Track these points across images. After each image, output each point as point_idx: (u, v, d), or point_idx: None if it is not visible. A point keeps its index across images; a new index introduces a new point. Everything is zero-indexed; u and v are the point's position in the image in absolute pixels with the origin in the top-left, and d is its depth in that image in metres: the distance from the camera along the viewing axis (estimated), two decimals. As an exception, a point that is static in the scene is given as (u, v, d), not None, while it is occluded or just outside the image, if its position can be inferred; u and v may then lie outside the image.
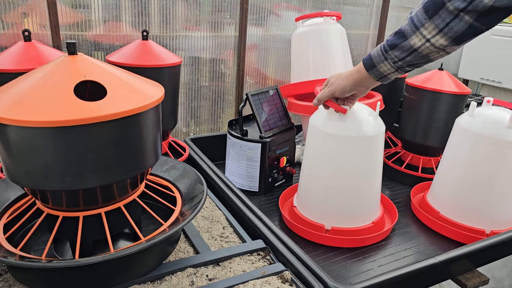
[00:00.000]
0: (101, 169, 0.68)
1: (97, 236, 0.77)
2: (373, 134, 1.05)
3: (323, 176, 1.10)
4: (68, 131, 0.62)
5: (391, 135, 1.74)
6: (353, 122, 1.04)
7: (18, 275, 0.76)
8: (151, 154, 0.76)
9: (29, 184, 0.68)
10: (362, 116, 1.06)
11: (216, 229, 1.01)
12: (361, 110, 1.07)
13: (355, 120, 1.04)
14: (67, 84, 0.65)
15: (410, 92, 1.47)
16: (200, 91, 1.70)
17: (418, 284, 0.99)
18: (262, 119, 1.30)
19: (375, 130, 1.05)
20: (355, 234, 1.09)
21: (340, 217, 1.11)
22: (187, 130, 1.73)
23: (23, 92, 0.64)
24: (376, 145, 1.07)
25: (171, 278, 0.82)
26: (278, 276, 0.84)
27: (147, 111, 0.71)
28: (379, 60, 0.87)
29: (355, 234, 1.09)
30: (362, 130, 1.04)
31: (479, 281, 1.03)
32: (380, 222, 1.16)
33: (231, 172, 1.35)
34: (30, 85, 0.66)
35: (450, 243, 1.14)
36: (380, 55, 0.87)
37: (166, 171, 1.00)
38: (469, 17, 0.73)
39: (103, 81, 0.68)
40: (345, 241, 1.09)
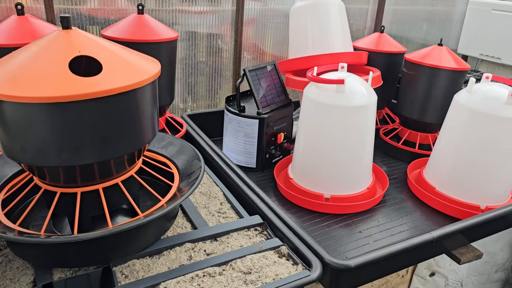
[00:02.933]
0: (98, 145, 0.68)
1: (95, 212, 0.77)
2: (365, 103, 1.09)
3: (318, 146, 1.14)
4: (63, 107, 0.61)
5: (389, 111, 1.74)
6: (346, 93, 1.08)
7: (18, 250, 0.77)
8: (148, 130, 0.76)
9: (25, 160, 0.68)
10: (355, 86, 1.10)
11: (214, 204, 1.01)
12: (354, 81, 1.11)
13: (348, 90, 1.08)
14: (62, 60, 0.64)
15: (409, 68, 1.46)
16: (197, 67, 1.68)
17: (413, 258, 1.01)
18: (260, 95, 1.29)
19: (368, 100, 1.10)
20: (351, 201, 1.14)
21: (335, 185, 1.15)
22: (184, 106, 1.72)
23: (17, 68, 0.63)
24: (369, 114, 1.12)
25: (169, 253, 0.83)
26: (275, 251, 0.85)
27: (143, 87, 0.70)
28: None
29: (351, 201, 1.14)
30: (355, 100, 1.08)
31: (473, 256, 1.04)
32: (374, 189, 1.22)
33: (228, 148, 1.35)
34: (24, 60, 0.65)
35: (445, 218, 1.15)
36: None
37: (163, 147, 1.00)
38: None
39: (99, 56, 0.68)
40: (342, 207, 1.13)
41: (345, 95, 1.08)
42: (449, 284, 1.43)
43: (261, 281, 0.76)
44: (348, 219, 1.11)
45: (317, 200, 1.14)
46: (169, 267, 0.79)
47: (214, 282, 0.76)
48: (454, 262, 1.07)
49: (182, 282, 0.75)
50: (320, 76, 1.13)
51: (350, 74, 1.13)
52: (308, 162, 1.18)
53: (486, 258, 1.49)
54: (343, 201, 1.14)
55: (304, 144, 1.18)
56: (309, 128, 1.16)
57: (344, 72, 1.15)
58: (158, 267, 0.79)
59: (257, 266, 0.80)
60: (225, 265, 0.80)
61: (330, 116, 1.10)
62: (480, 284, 1.57)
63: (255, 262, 0.81)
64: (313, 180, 1.16)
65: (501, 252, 1.56)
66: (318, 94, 1.11)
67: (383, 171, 1.28)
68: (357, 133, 1.11)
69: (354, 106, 1.08)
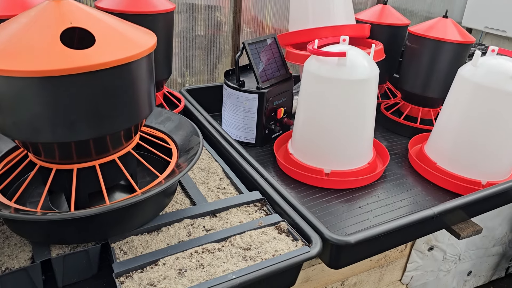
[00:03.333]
0: (93, 121, 0.66)
1: (92, 189, 0.76)
2: (367, 77, 1.07)
3: (318, 121, 1.12)
4: (55, 81, 0.59)
5: (391, 85, 1.71)
6: (347, 66, 1.06)
7: (14, 227, 0.76)
8: (145, 105, 0.74)
9: (19, 137, 0.66)
10: (357, 59, 1.07)
11: (213, 180, 1.00)
12: (355, 54, 1.08)
13: (349, 63, 1.06)
14: (53, 32, 0.62)
15: (412, 41, 1.42)
16: (195, 40, 1.64)
17: (413, 234, 1.00)
18: (259, 69, 1.26)
19: (370, 74, 1.08)
20: (351, 176, 1.14)
21: (335, 160, 1.14)
22: (182, 80, 1.70)
23: (6, 40, 0.61)
24: (371, 87, 1.10)
25: (168, 229, 0.82)
26: (275, 227, 0.85)
27: (139, 60, 0.68)
28: None
29: (351, 176, 1.14)
30: (356, 73, 1.06)
31: (472, 231, 1.04)
32: (374, 164, 1.22)
33: (227, 124, 1.33)
34: (13, 33, 0.62)
35: (445, 193, 1.14)
36: None
37: (161, 122, 0.98)
38: None
39: (91, 28, 0.65)
40: (342, 182, 1.12)
41: (346, 69, 1.06)
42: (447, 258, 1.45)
43: (261, 257, 0.76)
44: (348, 194, 1.11)
45: (317, 175, 1.13)
46: (168, 243, 0.78)
47: (213, 258, 0.75)
48: (453, 237, 1.07)
49: (181, 258, 0.75)
50: (321, 49, 1.10)
51: (352, 47, 1.10)
52: (308, 137, 1.16)
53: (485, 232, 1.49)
54: (343, 176, 1.13)
55: (304, 118, 1.16)
56: (309, 103, 1.14)
57: (345, 45, 1.12)
58: (157, 243, 0.78)
59: (257, 242, 0.80)
60: (224, 241, 0.80)
61: (331, 90, 1.08)
62: (477, 258, 1.58)
63: (255, 238, 0.81)
64: (313, 155, 1.15)
65: (499, 227, 1.56)
66: (319, 68, 1.09)
67: (383, 146, 1.27)
68: (358, 108, 1.10)
69: (355, 80, 1.06)
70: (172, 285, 0.69)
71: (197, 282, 0.69)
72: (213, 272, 0.72)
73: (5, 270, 0.69)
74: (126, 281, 0.69)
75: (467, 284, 1.66)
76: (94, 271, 0.77)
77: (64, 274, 0.73)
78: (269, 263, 0.74)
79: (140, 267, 0.72)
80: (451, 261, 1.48)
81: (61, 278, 0.73)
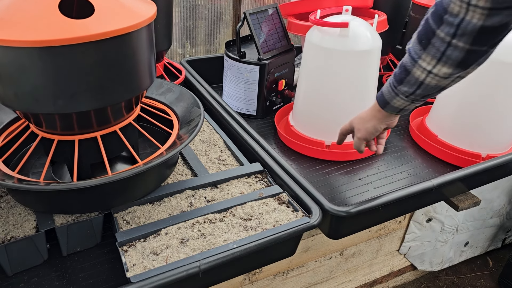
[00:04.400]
0: (94, 92, 0.66)
1: (94, 160, 0.77)
2: (369, 48, 1.06)
3: (319, 92, 1.12)
4: (55, 51, 0.59)
5: (393, 57, 1.69)
6: (350, 37, 1.05)
7: (18, 197, 0.77)
8: (145, 76, 0.74)
9: (20, 107, 0.66)
10: (359, 30, 1.06)
11: (214, 152, 1.01)
12: (358, 25, 1.06)
13: (352, 34, 1.05)
14: (51, 1, 0.60)
15: (417, 11, 1.40)
16: (195, 10, 1.62)
17: (412, 205, 1.02)
18: (261, 40, 1.25)
19: (372, 45, 1.06)
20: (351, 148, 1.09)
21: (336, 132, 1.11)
22: (183, 51, 1.68)
23: (3, 10, 0.60)
24: (373, 59, 1.09)
25: (170, 200, 0.83)
26: (275, 198, 0.86)
27: (139, 30, 0.67)
28: (390, 96, 0.82)
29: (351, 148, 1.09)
30: (359, 44, 1.05)
31: (471, 203, 1.05)
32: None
33: (228, 95, 1.33)
34: (11, 2, 0.61)
35: (445, 166, 1.15)
36: (391, 92, 0.81)
37: (162, 94, 0.98)
38: (464, 43, 0.66)
39: (90, -3, 0.64)
40: (342, 154, 1.12)
41: (348, 40, 1.04)
42: (444, 229, 1.47)
43: (261, 227, 0.77)
44: (348, 166, 1.11)
45: (318, 147, 1.13)
46: (170, 214, 0.80)
47: (215, 228, 0.77)
48: (451, 208, 1.08)
49: (183, 228, 0.76)
50: (323, 19, 1.09)
51: (354, 18, 1.08)
52: (309, 109, 1.16)
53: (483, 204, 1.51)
54: (344, 148, 1.13)
55: (306, 90, 1.16)
56: (310, 74, 1.13)
57: (348, 16, 1.10)
58: (159, 214, 0.79)
59: (257, 212, 0.81)
60: (225, 212, 0.81)
61: (333, 61, 1.07)
62: (475, 229, 1.61)
63: (255, 209, 0.82)
64: (314, 127, 1.15)
65: (498, 199, 1.58)
66: (321, 39, 1.07)
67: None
68: (360, 79, 1.09)
69: (357, 51, 1.05)
70: (174, 254, 0.70)
71: (199, 251, 0.71)
72: (215, 241, 0.73)
73: (10, 239, 0.70)
74: (129, 249, 0.71)
75: (463, 254, 1.69)
76: (98, 240, 0.78)
77: (68, 243, 0.75)
78: (269, 233, 0.75)
79: (143, 237, 0.73)
80: (448, 232, 1.50)
81: (65, 247, 0.75)
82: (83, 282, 0.72)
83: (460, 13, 0.64)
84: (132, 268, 0.67)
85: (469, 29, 0.64)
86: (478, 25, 0.64)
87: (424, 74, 0.74)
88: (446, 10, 0.66)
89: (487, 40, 0.66)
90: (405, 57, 0.77)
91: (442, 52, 0.69)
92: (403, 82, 0.78)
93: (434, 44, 0.69)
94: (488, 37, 0.66)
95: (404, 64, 0.77)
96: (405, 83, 0.77)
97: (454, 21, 0.65)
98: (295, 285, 1.23)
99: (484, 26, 0.63)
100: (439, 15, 0.67)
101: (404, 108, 0.83)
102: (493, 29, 0.64)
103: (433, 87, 0.75)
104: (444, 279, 1.71)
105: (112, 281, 0.73)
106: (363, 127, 0.91)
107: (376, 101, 0.87)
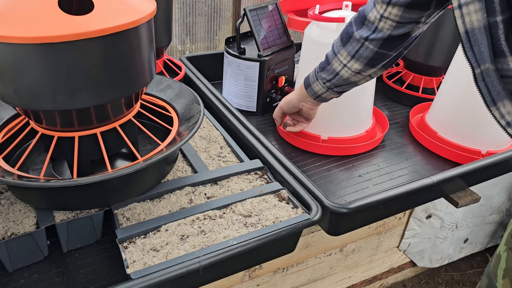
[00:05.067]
0: (93, 88, 0.66)
1: (94, 156, 0.77)
2: None
3: None
4: (54, 48, 0.58)
5: (393, 54, 1.69)
6: None
7: (19, 193, 0.77)
8: (145, 72, 0.74)
9: (19, 104, 0.66)
10: None
11: (214, 149, 1.01)
12: None
13: None
14: (50, -4, 0.60)
15: (417, 7, 1.39)
16: (195, 6, 1.61)
17: (412, 202, 1.02)
18: (261, 36, 1.25)
19: None
20: (348, 143, 1.14)
21: (333, 128, 1.14)
22: (183, 48, 1.67)
23: (3, 6, 0.59)
24: None
25: (170, 196, 0.83)
26: (275, 195, 0.86)
27: (138, 27, 0.67)
28: (313, 80, 0.96)
29: (348, 143, 1.14)
30: None
31: (470, 199, 1.05)
32: (373, 131, 1.22)
33: (228, 92, 1.33)
34: (10, -3, 0.61)
35: (445, 162, 1.15)
36: (313, 76, 0.96)
37: (161, 90, 0.98)
38: (373, 46, 0.82)
39: (89, -7, 0.64)
40: (339, 149, 1.13)
41: None
42: (444, 226, 1.47)
43: (261, 224, 0.77)
44: (348, 163, 1.11)
45: (314, 141, 1.13)
46: (170, 210, 0.80)
47: (215, 224, 0.77)
48: (451, 205, 1.09)
49: (183, 225, 0.76)
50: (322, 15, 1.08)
51: (353, 13, 1.08)
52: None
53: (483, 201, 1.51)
54: (340, 142, 1.14)
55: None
56: (308, 69, 1.12)
57: (347, 11, 1.10)
58: (159, 210, 0.79)
59: (257, 209, 0.81)
60: (225, 208, 0.81)
61: None
62: (474, 226, 1.61)
63: (255, 206, 0.82)
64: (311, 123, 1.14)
65: (497, 196, 1.58)
66: (319, 34, 1.07)
67: (383, 114, 1.26)
68: None
69: None
70: (174, 250, 0.70)
71: (198, 248, 0.71)
72: (215, 238, 0.73)
73: (10, 235, 0.70)
74: (129, 246, 0.71)
75: (463, 251, 1.70)
76: (98, 237, 0.79)
77: (69, 239, 0.75)
78: (269, 229, 0.75)
79: (143, 233, 0.74)
80: (448, 228, 1.51)
81: (66, 243, 0.75)
82: (84, 278, 0.72)
83: (375, 22, 0.79)
84: (132, 264, 0.67)
85: (379, 36, 0.80)
86: (386, 33, 0.79)
87: (340, 67, 0.88)
88: (365, 17, 0.81)
89: (391, 46, 0.82)
90: (329, 50, 0.91)
91: (356, 51, 0.84)
92: (324, 70, 0.92)
93: (351, 43, 0.84)
94: (392, 44, 0.81)
95: (327, 55, 0.91)
96: (325, 71, 0.92)
97: (370, 27, 0.81)
98: (294, 282, 1.23)
99: (391, 35, 0.79)
100: (360, 21, 0.82)
101: (321, 95, 0.97)
102: (398, 37, 0.80)
103: (346, 80, 0.90)
104: (444, 275, 1.71)
105: (112, 277, 0.73)
106: (285, 98, 1.06)
107: (303, 81, 1.00)
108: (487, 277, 0.81)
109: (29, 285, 0.70)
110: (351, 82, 0.91)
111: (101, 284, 0.71)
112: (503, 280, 0.76)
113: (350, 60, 0.86)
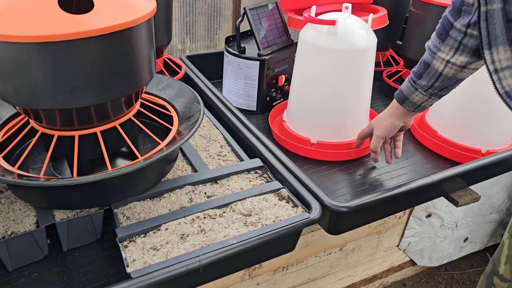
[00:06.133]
0: (93, 87, 0.66)
1: (94, 155, 0.77)
2: (364, 47, 1.03)
3: (313, 90, 1.09)
4: (54, 47, 0.58)
5: (394, 53, 1.69)
6: (344, 35, 1.02)
7: (19, 192, 0.77)
8: (145, 71, 0.74)
9: (19, 103, 0.66)
10: (354, 29, 1.03)
11: (214, 148, 1.01)
12: (353, 23, 1.04)
13: (346, 33, 1.02)
14: (50, -5, 0.60)
15: (417, 6, 1.39)
16: (195, 5, 1.61)
17: (412, 201, 1.02)
18: (261, 35, 1.24)
19: (366, 43, 1.04)
20: (341, 148, 1.12)
21: (328, 131, 1.12)
22: (183, 47, 1.67)
23: (3, 4, 0.59)
24: (367, 58, 1.06)
25: (170, 195, 0.83)
26: (275, 194, 0.86)
27: (138, 26, 0.67)
28: (409, 92, 0.90)
29: (341, 148, 1.12)
30: (353, 43, 1.02)
31: (470, 198, 1.05)
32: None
33: (228, 91, 1.33)
34: (10, -4, 0.61)
35: (445, 162, 1.15)
36: (410, 87, 0.89)
37: (161, 89, 0.98)
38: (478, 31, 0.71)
39: (89, -8, 0.64)
40: (330, 154, 1.10)
41: (337, 38, 1.01)
42: (444, 225, 1.47)
43: (261, 223, 0.77)
44: (348, 162, 1.11)
45: (303, 145, 1.11)
46: (170, 209, 0.80)
47: (215, 223, 0.77)
48: (451, 204, 1.08)
49: (183, 224, 0.76)
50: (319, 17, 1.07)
51: (349, 15, 1.06)
52: (299, 107, 1.14)
53: (483, 200, 1.51)
54: (328, 147, 1.11)
55: (297, 89, 1.14)
56: (301, 71, 1.11)
57: (343, 13, 1.08)
58: (159, 209, 0.79)
59: (257, 208, 0.81)
60: (225, 207, 0.81)
61: (322, 60, 1.04)
62: (474, 225, 1.61)
63: (255, 205, 0.82)
64: (303, 125, 1.14)
65: (497, 195, 1.58)
66: (314, 36, 1.05)
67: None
68: (351, 79, 1.06)
69: (346, 50, 1.01)
70: (174, 249, 0.70)
71: (199, 247, 0.71)
72: (215, 237, 0.73)
73: (11, 234, 0.70)
74: (130, 245, 0.71)
75: (463, 250, 1.70)
76: (98, 236, 0.79)
77: (69, 238, 0.75)
78: (269, 228, 0.75)
79: (143, 232, 0.74)
80: (448, 227, 1.51)
81: (66, 242, 0.75)
82: (84, 277, 0.72)
83: (475, 2, 0.71)
84: (132, 263, 0.67)
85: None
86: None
87: (442, 65, 0.81)
88: (463, 2, 0.73)
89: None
90: (424, 54, 0.84)
91: (459, 42, 0.77)
92: (422, 76, 0.85)
93: (451, 35, 0.77)
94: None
95: (423, 59, 0.85)
96: (424, 76, 0.85)
97: (470, 10, 0.73)
98: (294, 281, 1.23)
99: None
100: (457, 9, 0.75)
101: (422, 104, 0.90)
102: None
103: (450, 78, 0.83)
104: (444, 274, 1.72)
105: (113, 276, 0.73)
106: (381, 125, 0.97)
107: (394, 99, 0.94)
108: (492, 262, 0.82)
109: (29, 284, 0.70)
110: (457, 79, 0.84)
111: (101, 283, 0.72)
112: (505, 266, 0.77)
113: (454, 54, 0.79)
